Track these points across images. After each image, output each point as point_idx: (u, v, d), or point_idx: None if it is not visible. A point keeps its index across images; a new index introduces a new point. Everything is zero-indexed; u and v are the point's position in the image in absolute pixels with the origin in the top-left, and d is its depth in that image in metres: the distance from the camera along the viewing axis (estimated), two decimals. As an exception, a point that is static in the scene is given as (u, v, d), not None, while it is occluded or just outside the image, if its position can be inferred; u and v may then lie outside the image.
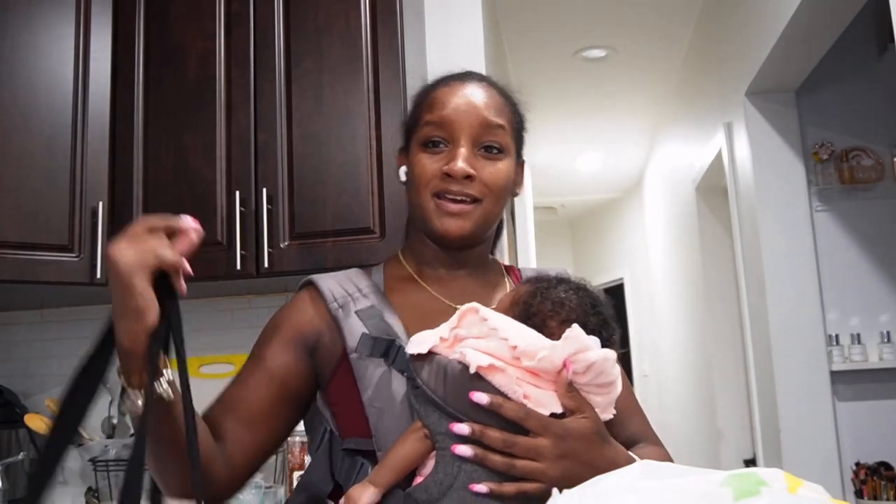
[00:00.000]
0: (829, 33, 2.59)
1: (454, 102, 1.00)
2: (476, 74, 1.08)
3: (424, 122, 1.01)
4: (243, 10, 2.03)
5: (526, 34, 3.86)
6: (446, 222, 0.98)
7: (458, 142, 0.99)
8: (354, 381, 0.95)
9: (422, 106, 1.04)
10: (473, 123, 1.00)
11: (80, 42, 2.01)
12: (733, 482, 0.57)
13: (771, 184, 3.01)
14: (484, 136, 1.00)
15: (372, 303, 1.01)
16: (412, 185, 1.02)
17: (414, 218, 1.06)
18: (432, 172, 0.99)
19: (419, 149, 1.01)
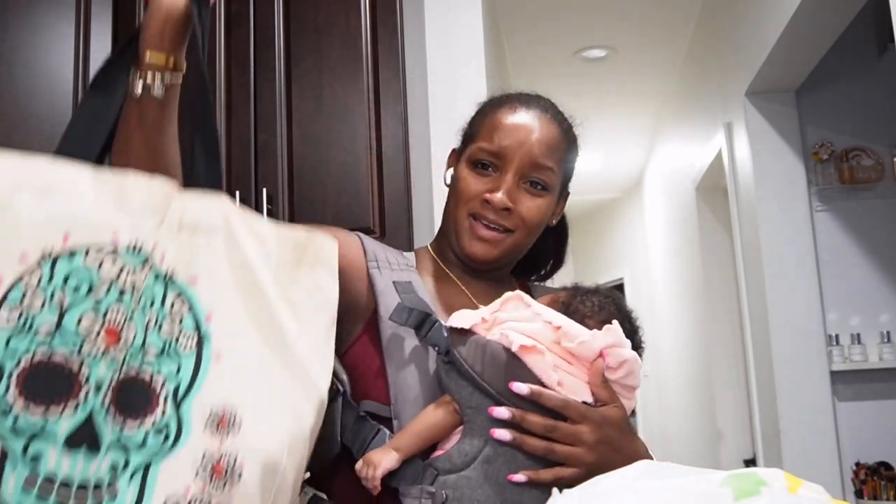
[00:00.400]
0: (829, 33, 2.59)
1: (513, 133, 1.03)
2: (543, 102, 1.11)
3: (480, 146, 1.04)
4: (243, 10, 2.04)
5: (526, 34, 3.86)
6: (475, 245, 1.03)
7: (505, 171, 1.02)
8: (380, 345, 0.96)
9: (483, 123, 1.07)
10: (524, 160, 1.03)
11: (80, 42, 2.01)
12: (733, 482, 0.57)
13: (771, 184, 3.01)
14: (531, 173, 1.03)
15: (408, 279, 1.02)
16: (452, 195, 1.06)
17: (446, 226, 1.08)
18: (474, 193, 1.03)
19: (468, 165, 1.05)
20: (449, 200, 1.07)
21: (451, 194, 1.07)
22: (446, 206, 1.08)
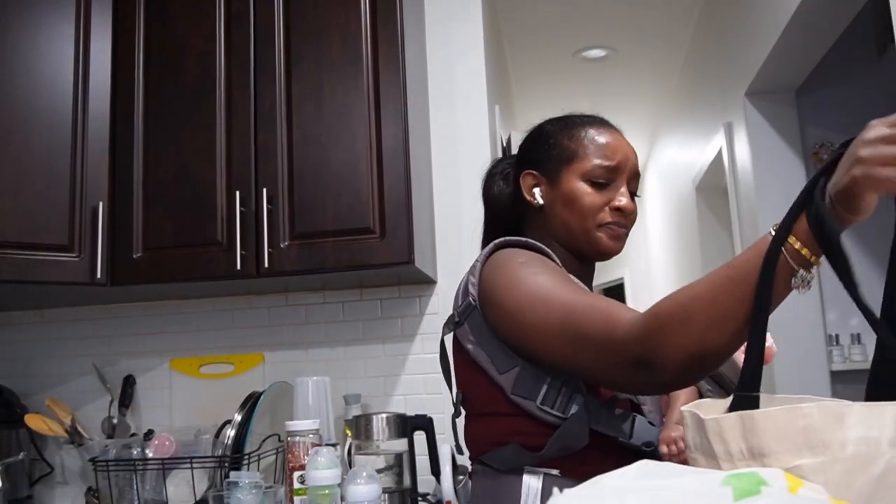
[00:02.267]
0: (829, 33, 2.59)
1: (621, 151, 1.20)
2: (612, 124, 1.27)
3: (596, 165, 1.18)
4: (243, 10, 2.03)
5: (526, 34, 3.86)
6: (611, 243, 1.18)
7: (620, 183, 1.19)
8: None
9: (584, 143, 1.20)
10: (632, 173, 1.21)
11: (80, 42, 2.01)
12: (733, 482, 0.57)
13: (771, 184, 3.01)
14: (633, 183, 1.21)
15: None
16: (575, 212, 1.18)
17: (564, 237, 1.20)
18: (600, 205, 1.18)
19: (584, 183, 1.18)
20: (569, 216, 1.19)
21: (570, 210, 1.18)
22: (563, 222, 1.19)
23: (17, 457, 2.05)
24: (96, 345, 2.31)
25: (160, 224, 1.98)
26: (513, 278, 1.08)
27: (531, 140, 1.29)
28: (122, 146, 2.02)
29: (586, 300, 1.00)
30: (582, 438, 1.04)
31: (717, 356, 0.87)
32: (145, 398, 2.28)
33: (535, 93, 4.60)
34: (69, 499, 2.21)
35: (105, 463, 2.00)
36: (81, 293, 2.09)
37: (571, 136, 1.23)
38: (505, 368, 1.08)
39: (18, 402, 2.19)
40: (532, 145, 1.28)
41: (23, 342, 2.34)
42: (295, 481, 1.78)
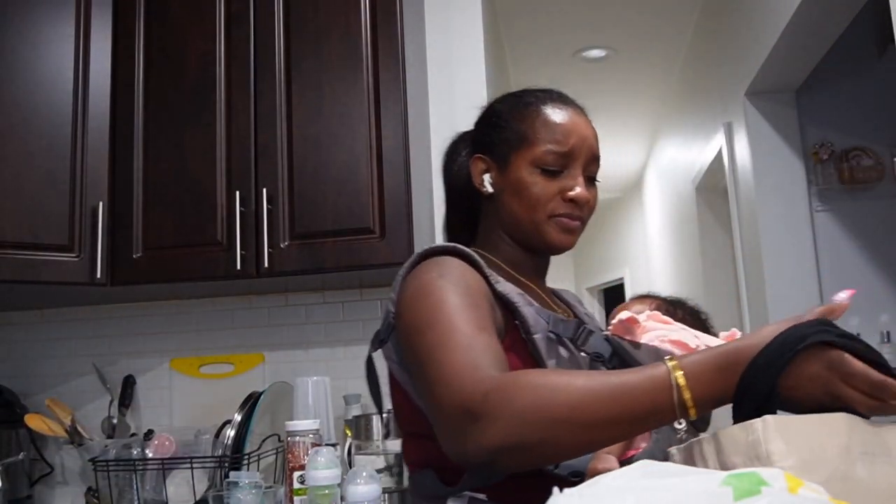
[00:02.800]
0: (829, 33, 2.59)
1: (575, 134, 1.07)
2: (572, 99, 1.14)
3: (547, 150, 1.06)
4: (243, 10, 2.03)
5: (526, 34, 3.86)
6: (562, 237, 1.07)
7: (575, 169, 1.07)
8: (533, 362, 0.96)
9: (533, 125, 1.08)
10: (588, 157, 1.09)
11: (80, 42, 2.01)
12: (733, 482, 0.57)
13: (771, 184, 3.01)
14: (590, 167, 1.10)
15: (519, 289, 1.03)
16: (524, 202, 1.06)
17: (513, 229, 1.09)
18: (551, 195, 1.06)
19: (535, 170, 1.06)
20: (517, 206, 1.07)
21: (519, 199, 1.07)
22: (510, 211, 1.08)
23: (17, 457, 2.05)
24: (96, 345, 2.31)
25: (160, 224, 1.98)
26: (418, 296, 0.96)
27: (482, 120, 1.17)
28: (122, 146, 2.02)
29: (467, 339, 0.87)
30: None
31: (551, 454, 0.80)
32: (145, 398, 2.28)
33: (535, 93, 4.60)
34: (69, 499, 2.20)
35: (105, 463, 1.99)
36: (81, 293, 2.09)
37: (522, 116, 1.10)
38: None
39: (18, 402, 2.19)
40: (483, 126, 1.15)
41: (23, 342, 2.34)
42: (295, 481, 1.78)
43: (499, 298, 0.99)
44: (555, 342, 0.98)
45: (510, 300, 0.98)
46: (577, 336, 0.99)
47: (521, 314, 0.98)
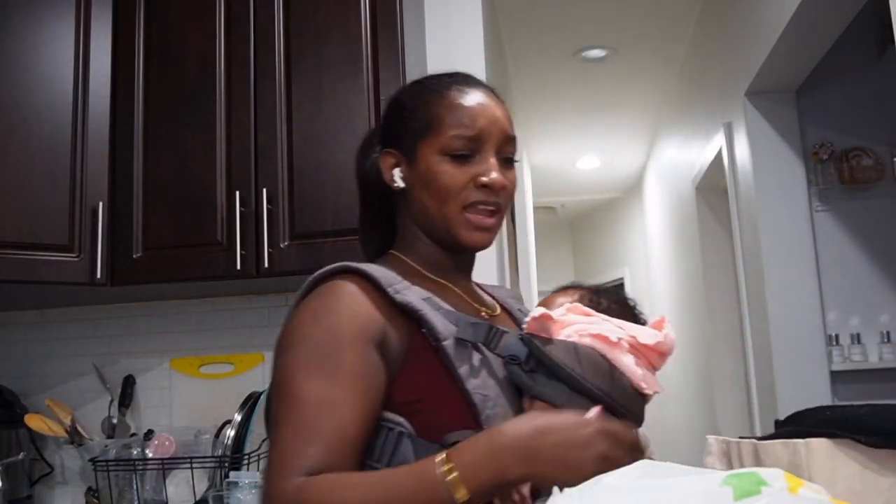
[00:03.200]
0: (829, 33, 2.59)
1: (482, 115, 1.01)
2: (479, 80, 1.08)
3: (453, 135, 0.99)
4: (243, 10, 2.03)
5: (526, 34, 3.86)
6: (475, 235, 1.00)
7: (486, 152, 1.00)
8: (444, 370, 0.91)
9: (435, 110, 1.02)
10: (501, 138, 1.02)
11: (80, 42, 2.01)
12: (733, 482, 0.57)
13: (771, 184, 3.01)
14: (504, 148, 1.03)
15: (427, 294, 0.97)
16: (434, 194, 1.00)
17: (426, 224, 1.03)
18: (462, 183, 0.99)
19: (443, 158, 0.99)
20: (428, 199, 1.00)
21: (429, 192, 1.00)
22: (421, 206, 1.02)
23: (17, 457, 2.05)
24: (96, 345, 2.31)
25: (160, 224, 1.98)
26: (283, 347, 0.92)
27: (387, 113, 1.10)
28: (122, 146, 2.02)
29: (302, 422, 0.84)
30: None
31: None
32: (145, 398, 2.28)
33: (535, 93, 4.60)
34: (69, 499, 2.20)
35: (105, 463, 1.99)
36: (81, 293, 2.09)
37: (426, 103, 1.03)
38: None
39: (18, 402, 2.19)
40: (389, 119, 1.09)
41: (23, 342, 2.34)
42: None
43: (401, 309, 0.93)
44: (466, 347, 0.92)
45: (413, 309, 0.92)
46: (490, 339, 0.93)
47: (427, 321, 0.92)
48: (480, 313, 1.05)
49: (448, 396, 0.90)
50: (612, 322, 0.96)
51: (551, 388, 0.89)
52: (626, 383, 0.92)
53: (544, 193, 6.24)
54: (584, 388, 0.88)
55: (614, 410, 0.89)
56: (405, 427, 0.89)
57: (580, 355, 0.91)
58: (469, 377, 0.91)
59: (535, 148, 5.42)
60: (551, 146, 5.52)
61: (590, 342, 0.92)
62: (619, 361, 0.92)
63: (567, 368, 0.89)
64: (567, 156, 5.81)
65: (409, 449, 0.88)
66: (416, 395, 0.91)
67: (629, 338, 0.94)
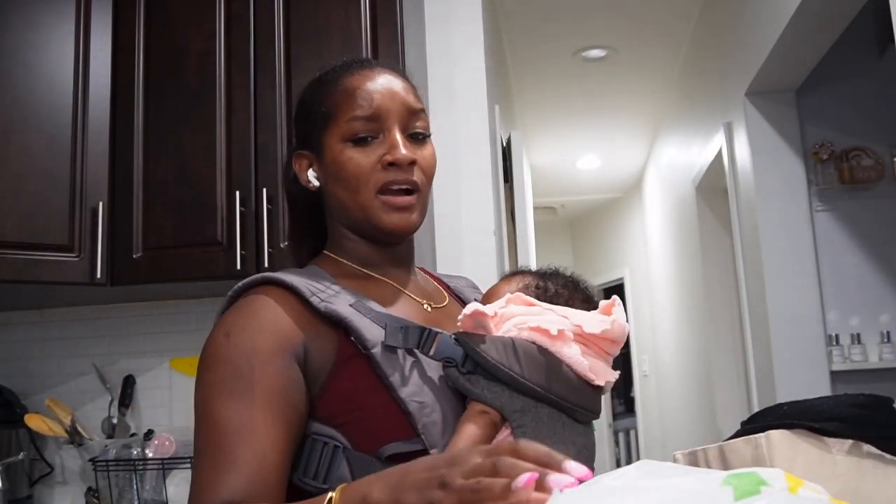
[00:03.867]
0: (829, 33, 2.59)
1: (377, 92, 0.96)
2: (379, 62, 1.05)
3: (350, 118, 0.95)
4: (243, 10, 2.04)
5: (526, 34, 3.86)
6: (394, 217, 0.95)
7: (390, 131, 0.96)
8: (376, 378, 0.86)
9: (335, 99, 0.98)
10: (401, 111, 0.97)
11: (80, 42, 2.01)
12: (734, 481, 0.57)
13: (771, 184, 3.01)
14: (411, 123, 0.98)
15: (356, 297, 0.92)
16: (344, 185, 0.96)
17: (346, 220, 0.99)
18: (370, 167, 0.94)
19: (345, 146, 0.95)
20: (341, 192, 0.96)
21: (340, 184, 0.96)
22: (337, 200, 0.98)
23: (17, 457, 2.05)
24: (96, 345, 2.31)
25: (160, 224, 1.98)
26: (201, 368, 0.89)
27: (295, 115, 1.06)
28: (122, 146, 2.02)
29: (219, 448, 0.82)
30: None
31: None
32: (145, 398, 2.28)
33: (535, 93, 4.60)
34: (69, 499, 2.20)
35: (105, 463, 2.00)
36: (81, 293, 2.09)
37: (323, 95, 1.00)
38: None
39: (18, 402, 2.19)
40: (296, 121, 1.05)
41: (23, 342, 2.34)
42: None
43: (327, 318, 0.89)
44: (395, 354, 0.87)
45: (339, 317, 0.88)
46: (423, 342, 0.87)
47: (354, 329, 0.87)
48: (423, 307, 1.00)
49: (382, 405, 0.86)
50: (555, 311, 0.90)
51: (490, 389, 0.84)
52: (572, 376, 0.87)
53: (544, 193, 6.24)
54: (525, 388, 0.84)
55: (559, 406, 0.86)
56: (339, 441, 0.85)
57: (519, 352, 0.85)
58: (402, 385, 0.86)
59: (535, 148, 5.42)
60: (551, 146, 5.52)
61: (529, 336, 0.87)
62: (563, 353, 0.86)
63: (504, 368, 0.84)
64: (567, 156, 5.81)
65: (344, 464, 0.84)
66: (349, 404, 0.86)
67: (573, 327, 0.88)
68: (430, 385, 0.88)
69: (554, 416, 0.86)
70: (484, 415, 0.84)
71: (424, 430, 0.84)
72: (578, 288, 0.98)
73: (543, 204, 6.72)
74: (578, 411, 0.88)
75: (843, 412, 0.79)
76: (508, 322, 0.88)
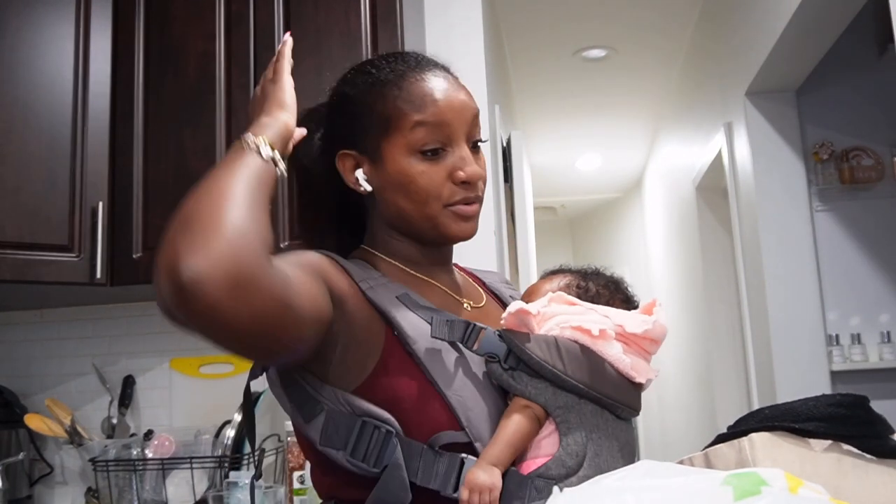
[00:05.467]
0: (829, 33, 2.59)
1: (447, 103, 0.94)
2: (430, 59, 1.01)
3: (414, 124, 0.93)
4: (243, 10, 2.03)
5: (526, 34, 3.86)
6: (463, 226, 0.96)
7: (458, 143, 0.95)
8: (414, 370, 0.87)
9: (393, 102, 0.94)
10: (468, 120, 0.96)
11: (80, 42, 2.01)
12: (734, 481, 0.57)
13: (771, 184, 3.01)
14: (474, 132, 0.97)
15: (402, 290, 0.93)
16: (411, 197, 0.94)
17: (404, 226, 0.98)
18: (441, 182, 0.93)
19: (413, 156, 0.93)
20: (404, 201, 0.94)
21: (406, 196, 0.94)
22: (398, 209, 0.96)
23: (17, 457, 2.05)
24: (96, 345, 2.31)
25: (160, 224, 1.97)
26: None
27: (335, 110, 1.02)
28: (122, 146, 2.02)
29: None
30: (401, 497, 0.83)
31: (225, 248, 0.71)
32: (145, 398, 2.27)
33: (535, 93, 4.60)
34: (69, 499, 2.20)
35: (105, 463, 2.00)
36: (81, 293, 2.09)
37: (382, 96, 0.95)
38: (310, 416, 0.87)
39: (18, 402, 2.19)
40: (338, 117, 1.01)
41: (23, 342, 2.34)
42: (295, 481, 1.78)
43: (373, 307, 0.90)
44: (439, 349, 0.88)
45: (383, 310, 0.89)
46: (467, 337, 0.88)
47: (397, 324, 0.88)
48: (463, 306, 1.01)
49: (427, 398, 0.87)
50: (597, 311, 0.91)
51: (533, 386, 0.86)
52: (613, 374, 0.89)
53: (544, 193, 6.24)
54: (569, 385, 0.85)
55: (601, 402, 0.87)
56: (393, 426, 0.85)
57: (561, 350, 0.87)
58: (445, 379, 0.87)
59: (535, 148, 5.41)
60: (551, 146, 5.51)
61: (571, 335, 0.89)
62: (605, 352, 0.89)
63: (548, 365, 0.86)
64: (567, 156, 5.81)
65: (397, 449, 0.84)
66: (395, 394, 0.87)
67: (615, 327, 0.90)
68: (472, 380, 0.89)
69: (597, 412, 0.87)
70: (527, 409, 0.86)
71: (468, 424, 0.86)
72: (619, 288, 1.00)
73: (543, 204, 6.72)
74: (621, 408, 0.89)
75: (822, 412, 0.81)
76: (551, 321, 0.90)
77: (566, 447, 0.84)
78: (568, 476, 0.82)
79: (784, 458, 0.76)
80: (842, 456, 0.77)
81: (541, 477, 0.83)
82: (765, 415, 0.83)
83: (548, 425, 0.86)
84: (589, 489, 0.62)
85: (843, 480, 0.75)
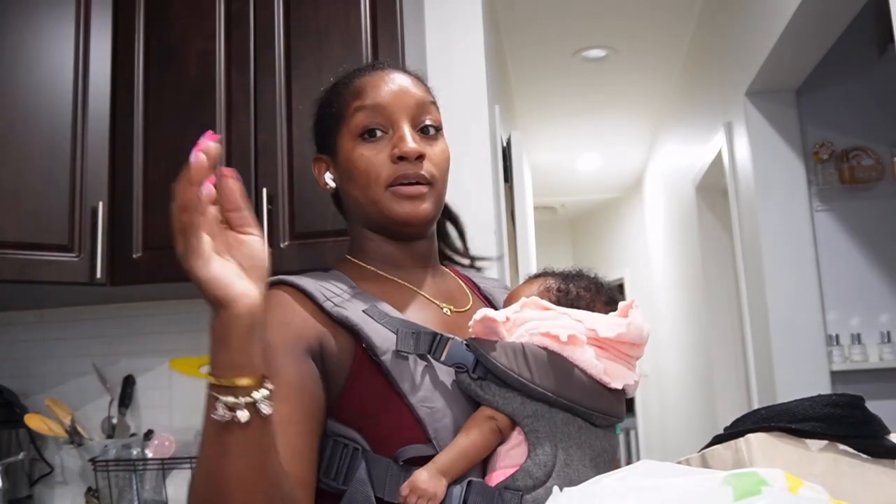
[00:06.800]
0: (829, 33, 2.59)
1: (384, 86, 0.97)
2: (385, 62, 1.05)
3: (354, 110, 0.96)
4: (243, 10, 2.03)
5: (526, 34, 3.86)
6: (406, 207, 0.95)
7: (398, 124, 0.96)
8: (388, 384, 0.87)
9: (346, 99, 0.98)
10: (410, 104, 0.97)
11: (80, 42, 2.01)
12: (734, 481, 0.57)
13: (771, 184, 3.01)
14: (420, 117, 0.98)
15: (370, 302, 0.92)
16: (356, 182, 0.96)
17: (363, 218, 1.00)
18: (380, 162, 0.94)
19: (355, 142, 0.96)
20: (354, 189, 0.97)
21: (352, 181, 0.97)
22: (353, 201, 0.98)
23: (17, 457, 2.05)
24: (96, 345, 2.31)
25: (160, 224, 1.98)
26: None
27: (313, 120, 1.07)
28: (122, 146, 2.02)
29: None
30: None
31: None
32: (145, 398, 2.28)
33: (535, 93, 4.60)
34: (69, 499, 2.20)
35: (105, 463, 1.99)
36: (81, 293, 2.09)
37: (334, 97, 1.01)
38: None
39: (18, 402, 2.19)
40: (314, 125, 1.06)
41: (23, 342, 2.34)
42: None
43: (340, 323, 0.89)
44: (406, 359, 0.88)
45: (350, 323, 0.89)
46: (434, 347, 0.87)
47: (364, 336, 0.88)
48: (441, 310, 0.99)
49: (395, 410, 0.86)
50: (569, 315, 0.89)
51: (501, 395, 0.84)
52: (585, 380, 0.86)
53: (544, 193, 6.24)
54: (536, 393, 0.83)
55: (573, 410, 0.85)
56: (359, 442, 0.86)
57: (529, 357, 0.85)
58: (412, 391, 0.86)
59: (535, 148, 5.42)
60: (551, 146, 5.52)
61: (540, 341, 0.86)
62: (576, 358, 0.86)
63: (514, 374, 0.83)
64: (567, 156, 5.81)
65: (363, 465, 0.84)
66: (364, 409, 0.87)
67: (588, 331, 0.87)
68: (441, 390, 0.88)
69: (569, 420, 0.85)
70: (490, 420, 0.84)
71: (436, 435, 0.85)
72: (601, 290, 0.98)
73: (543, 204, 6.72)
74: (595, 415, 0.87)
75: (818, 412, 0.81)
76: (521, 327, 0.88)
77: (534, 457, 0.82)
78: (535, 487, 0.80)
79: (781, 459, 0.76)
80: (838, 456, 0.77)
81: (507, 489, 0.81)
82: (761, 415, 0.83)
83: (517, 435, 0.85)
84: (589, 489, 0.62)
85: (839, 480, 0.75)
